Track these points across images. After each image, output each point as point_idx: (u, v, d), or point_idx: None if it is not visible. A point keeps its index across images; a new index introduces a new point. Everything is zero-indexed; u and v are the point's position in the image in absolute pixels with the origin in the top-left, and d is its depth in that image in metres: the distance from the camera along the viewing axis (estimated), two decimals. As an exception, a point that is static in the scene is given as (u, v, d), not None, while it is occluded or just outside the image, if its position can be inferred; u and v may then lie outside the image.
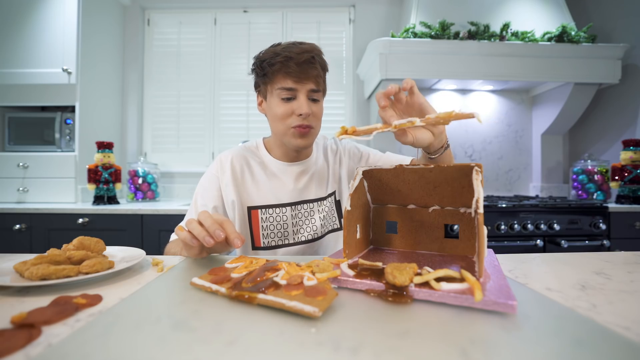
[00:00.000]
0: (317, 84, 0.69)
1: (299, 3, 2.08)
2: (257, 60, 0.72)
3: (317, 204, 0.78)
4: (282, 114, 0.69)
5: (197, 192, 0.78)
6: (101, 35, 1.85)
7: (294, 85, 0.68)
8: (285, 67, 0.66)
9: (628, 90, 1.79)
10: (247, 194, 0.76)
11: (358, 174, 0.49)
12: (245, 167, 0.78)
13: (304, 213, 0.77)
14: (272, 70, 0.68)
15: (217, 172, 0.78)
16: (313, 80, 0.68)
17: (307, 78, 0.68)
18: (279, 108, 0.69)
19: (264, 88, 0.72)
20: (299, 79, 0.67)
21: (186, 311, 0.31)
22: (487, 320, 0.29)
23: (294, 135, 0.70)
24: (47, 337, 0.27)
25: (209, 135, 2.08)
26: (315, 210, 0.78)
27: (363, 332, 0.26)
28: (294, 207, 0.76)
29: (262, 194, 0.76)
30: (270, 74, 0.69)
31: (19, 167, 1.64)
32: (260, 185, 0.77)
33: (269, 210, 0.75)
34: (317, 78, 0.69)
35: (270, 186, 0.77)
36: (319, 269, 0.37)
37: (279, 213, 0.75)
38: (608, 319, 0.30)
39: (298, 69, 0.66)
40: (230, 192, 0.75)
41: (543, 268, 0.48)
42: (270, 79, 0.69)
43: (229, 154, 0.79)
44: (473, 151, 2.07)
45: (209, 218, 0.46)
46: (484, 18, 1.77)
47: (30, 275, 0.38)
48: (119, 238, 1.45)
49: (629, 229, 1.49)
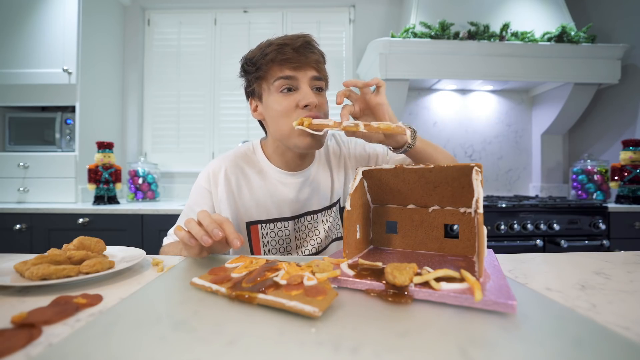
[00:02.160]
0: (318, 70, 0.62)
1: (299, 3, 2.08)
2: (246, 60, 0.65)
3: (322, 214, 0.73)
4: (285, 109, 0.60)
5: (188, 205, 0.72)
6: (101, 35, 1.85)
7: (293, 73, 0.60)
8: (280, 54, 0.59)
9: (627, 91, 1.79)
10: (245, 209, 0.69)
11: (358, 174, 0.50)
12: (241, 179, 0.70)
13: (307, 225, 0.71)
14: (266, 61, 0.60)
15: (208, 186, 0.70)
16: (314, 65, 0.61)
17: (307, 63, 0.60)
18: (279, 103, 0.61)
19: (259, 87, 0.64)
20: (299, 65, 0.60)
21: (186, 311, 0.31)
22: (487, 320, 0.29)
23: (302, 134, 0.61)
24: (47, 336, 0.27)
25: (209, 135, 2.08)
26: (319, 221, 0.72)
27: (363, 332, 0.26)
28: (297, 221, 0.71)
29: (261, 207, 0.69)
30: (265, 66, 0.61)
31: (20, 167, 1.64)
32: (259, 198, 0.70)
33: (269, 225, 0.69)
34: (317, 64, 0.62)
35: (271, 199, 0.70)
36: (319, 269, 0.37)
37: (281, 227, 0.70)
38: (608, 319, 0.30)
39: (296, 54, 0.59)
40: (225, 208, 0.68)
41: (543, 268, 0.48)
42: (265, 72, 0.61)
43: (221, 164, 0.71)
44: (473, 151, 2.07)
45: (207, 217, 0.46)
46: (484, 18, 1.77)
47: (31, 275, 0.38)
48: (119, 238, 1.45)
49: (628, 229, 1.49)
